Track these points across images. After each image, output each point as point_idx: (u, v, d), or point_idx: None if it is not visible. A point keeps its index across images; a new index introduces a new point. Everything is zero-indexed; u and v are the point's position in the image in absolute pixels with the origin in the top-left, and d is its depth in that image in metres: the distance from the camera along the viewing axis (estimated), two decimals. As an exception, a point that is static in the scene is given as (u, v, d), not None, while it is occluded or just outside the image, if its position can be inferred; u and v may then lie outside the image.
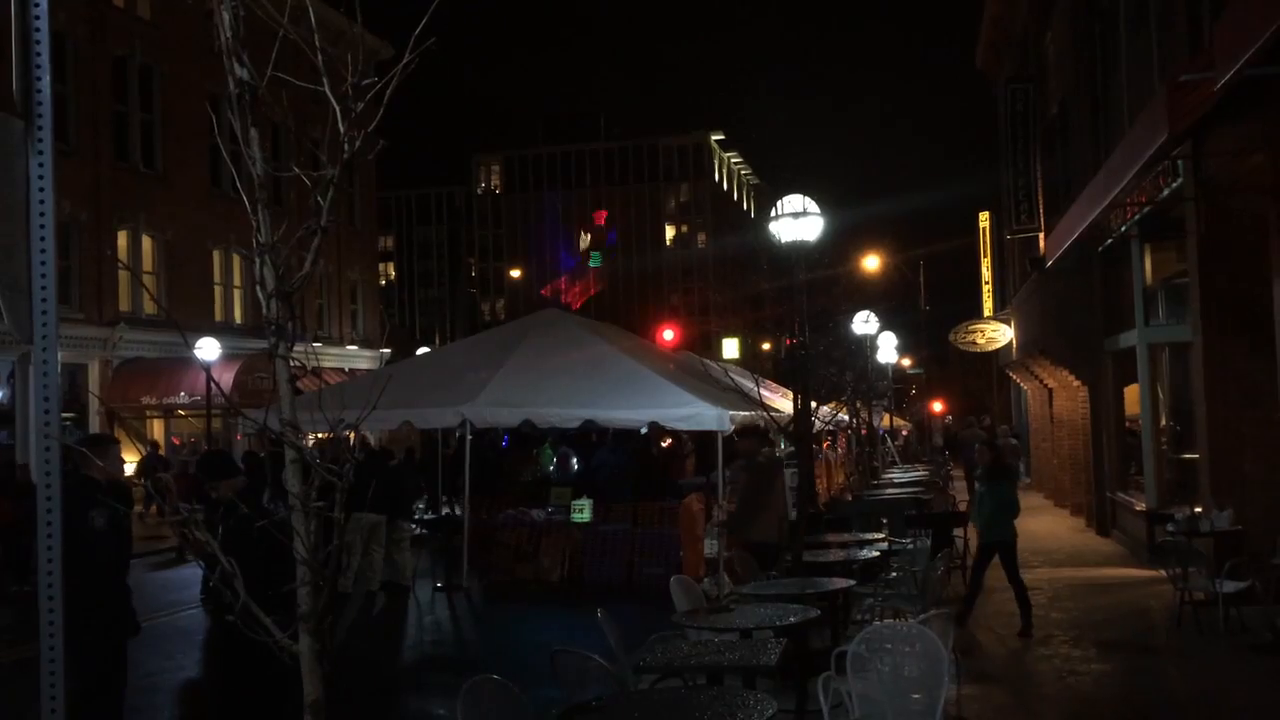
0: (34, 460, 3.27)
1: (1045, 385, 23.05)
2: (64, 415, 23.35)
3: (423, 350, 38.01)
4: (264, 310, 2.50)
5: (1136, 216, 12.90)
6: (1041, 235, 20.82)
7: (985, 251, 33.98)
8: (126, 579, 6.45)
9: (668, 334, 36.88)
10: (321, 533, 2.47)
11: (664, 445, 17.68)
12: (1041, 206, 21.19)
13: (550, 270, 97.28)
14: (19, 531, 13.37)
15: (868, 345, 19.51)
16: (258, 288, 2.52)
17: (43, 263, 2.75)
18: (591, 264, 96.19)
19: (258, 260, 2.51)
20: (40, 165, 2.81)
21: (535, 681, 6.04)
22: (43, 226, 2.78)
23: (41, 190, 2.80)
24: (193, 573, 13.95)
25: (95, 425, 23.33)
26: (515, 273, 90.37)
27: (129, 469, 20.18)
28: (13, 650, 10.36)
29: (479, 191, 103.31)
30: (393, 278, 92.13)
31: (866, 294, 19.61)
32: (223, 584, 2.42)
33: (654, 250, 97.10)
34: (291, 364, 2.54)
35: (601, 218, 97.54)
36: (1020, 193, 21.88)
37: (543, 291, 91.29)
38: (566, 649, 5.88)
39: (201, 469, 8.71)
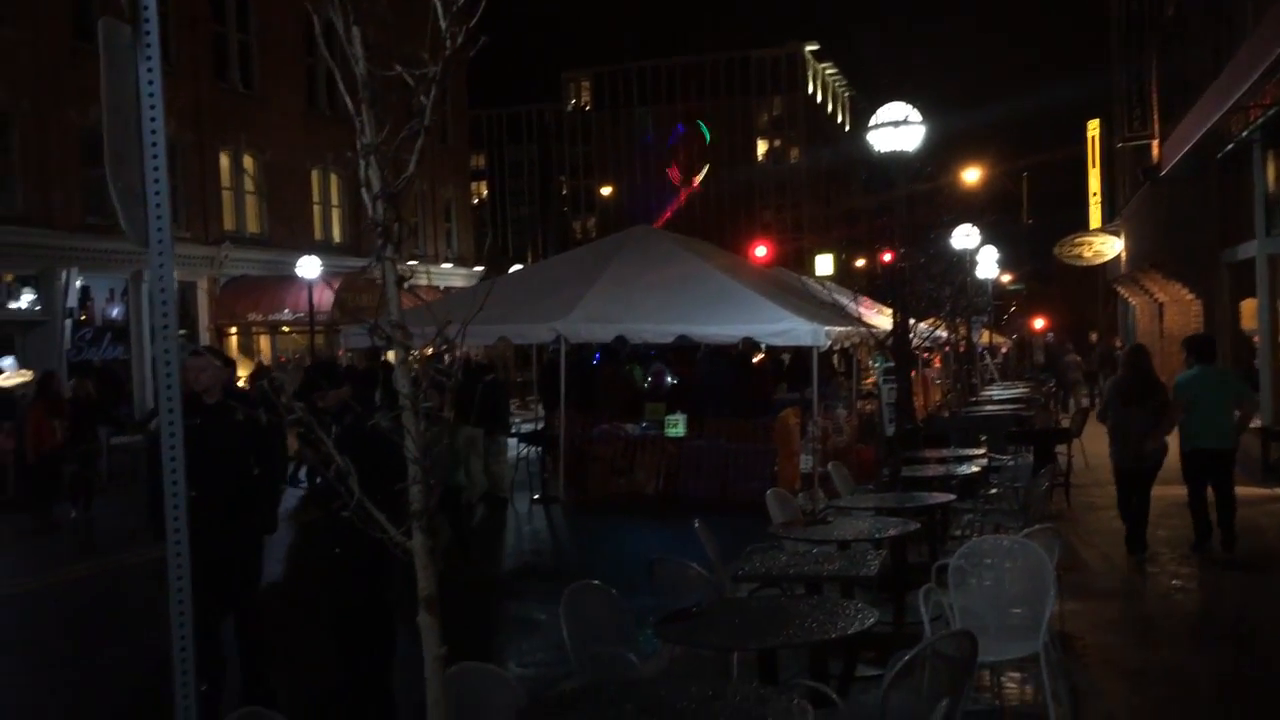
0: (156, 366, 3.36)
1: (1155, 300, 22.26)
2: (183, 332, 24.21)
3: (516, 268, 38.29)
4: (370, 212, 2.50)
5: (1260, 120, 12.20)
6: (1155, 143, 19.91)
7: (1094, 161, 32.63)
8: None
9: (760, 250, 36.51)
10: (431, 433, 2.49)
11: (756, 361, 17.58)
12: (1156, 113, 20.22)
13: (640, 187, 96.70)
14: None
15: (968, 260, 19.01)
16: (363, 190, 2.51)
17: (155, 169, 2.78)
18: (702, 131, 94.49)
19: (362, 162, 2.50)
20: (149, 71, 2.83)
21: (631, 590, 6.11)
22: (154, 132, 2.82)
23: (151, 96, 2.82)
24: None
25: (205, 341, 24.15)
26: (606, 190, 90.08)
27: (240, 383, 20.87)
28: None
29: (569, 109, 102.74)
30: (485, 197, 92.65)
31: (967, 207, 19.02)
32: (338, 481, 2.47)
33: (746, 166, 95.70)
34: (399, 267, 2.55)
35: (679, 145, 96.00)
36: (1134, 98, 20.90)
37: (669, 171, 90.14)
38: (665, 557, 5.94)
39: (309, 380, 8.93)
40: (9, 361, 18.98)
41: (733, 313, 13.57)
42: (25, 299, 20.89)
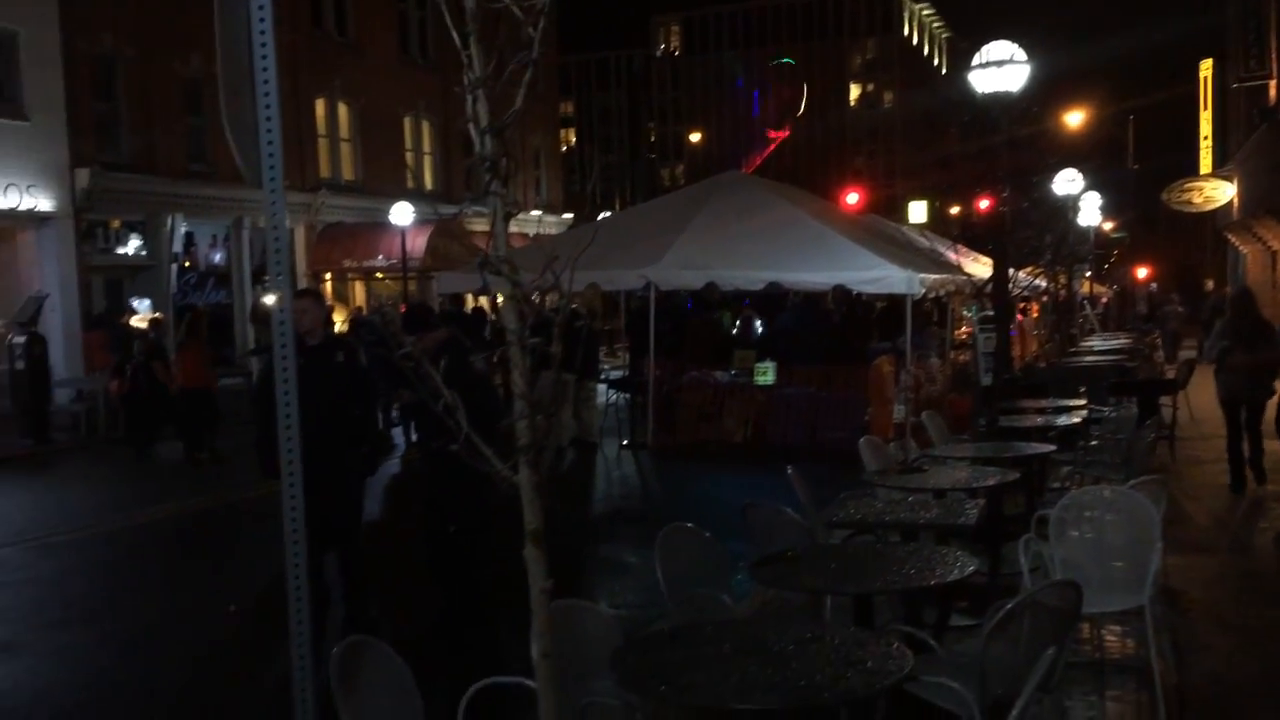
0: (273, 303, 3.42)
1: (1269, 248, 21.35)
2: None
3: (604, 215, 38.29)
4: (477, 147, 2.50)
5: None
6: (1273, 83, 18.95)
7: (1205, 103, 31.24)
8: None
9: (851, 197, 35.83)
10: (538, 369, 2.50)
11: (849, 309, 17.36)
12: (1275, 51, 19.22)
13: (730, 133, 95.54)
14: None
15: (1069, 206, 18.42)
16: (470, 125, 2.51)
17: (267, 105, 2.82)
18: (784, 61, 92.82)
19: (470, 97, 2.49)
20: (260, 9, 2.86)
21: (721, 535, 6.13)
22: (265, 69, 2.85)
23: (262, 34, 2.85)
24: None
25: (300, 288, 24.70)
26: (695, 136, 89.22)
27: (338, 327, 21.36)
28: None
29: (658, 53, 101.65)
30: (573, 144, 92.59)
31: (1070, 151, 18.39)
32: (447, 415, 2.50)
33: (837, 111, 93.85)
34: (505, 204, 2.55)
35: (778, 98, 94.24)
36: (1250, 36, 19.89)
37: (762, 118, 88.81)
38: (757, 502, 5.93)
39: (405, 323, 9.08)
40: (145, 304, 19.74)
41: (825, 259, 13.39)
42: (133, 245, 21.58)
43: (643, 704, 3.59)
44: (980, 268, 15.27)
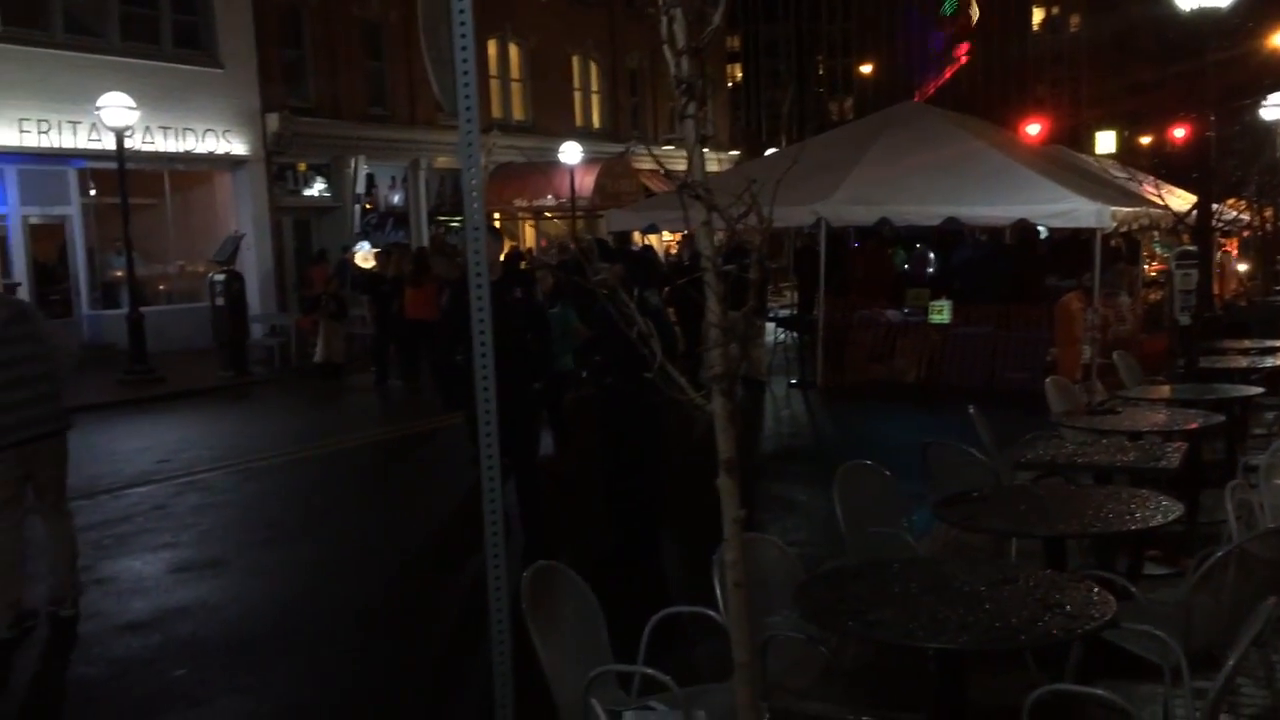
0: (466, 235, 3.49)
1: None
2: (453, 217, 25.52)
3: (771, 151, 37.68)
4: (673, 70, 2.45)
5: None
6: None
7: None
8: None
9: (1033, 128, 34.07)
10: (732, 298, 2.46)
11: (1030, 245, 16.63)
12: None
13: (902, 65, 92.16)
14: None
15: (1278, 134, 17.05)
16: (665, 48, 2.46)
17: (463, 34, 2.84)
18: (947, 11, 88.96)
19: (664, 17, 2.44)
20: (454, -61, 2.87)
21: (896, 475, 6.00)
22: (463, 10, 2.86)
23: (457, -36, 2.86)
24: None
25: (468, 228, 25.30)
26: (865, 69, 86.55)
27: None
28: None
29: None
30: (739, 79, 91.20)
31: (1281, 73, 16.97)
32: (641, 344, 2.49)
33: (1019, 36, 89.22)
34: (700, 127, 2.49)
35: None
36: None
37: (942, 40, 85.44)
38: (938, 441, 5.78)
39: (578, 261, 9.21)
40: (365, 245, 20.74)
41: (1007, 193, 12.80)
42: (317, 187, 22.53)
43: (826, 638, 3.57)
44: (1176, 201, 14.33)
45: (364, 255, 19.01)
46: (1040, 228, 14.25)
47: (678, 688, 3.20)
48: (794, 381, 14.14)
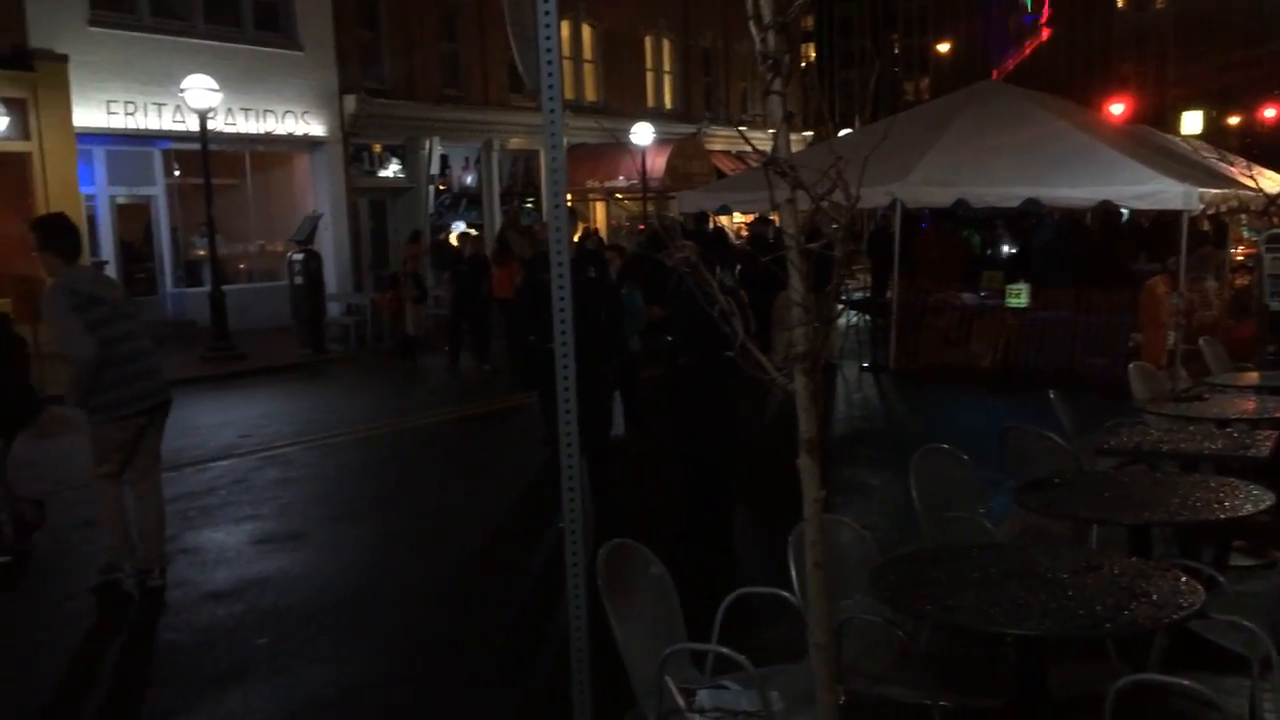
0: (548, 216, 3.51)
1: None
2: (525, 198, 25.69)
3: (845, 132, 37.22)
4: (758, 45, 2.43)
5: None
6: None
7: None
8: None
9: (1116, 107, 33.31)
10: (817, 275, 2.44)
11: (1113, 227, 16.24)
12: None
13: (980, 43, 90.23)
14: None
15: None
16: (750, 23, 2.44)
17: (546, 12, 2.84)
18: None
19: (752, -8, 2.41)
20: (538, -83, 2.87)
21: (973, 461, 5.92)
22: (543, -21, 2.87)
23: (540, -59, 2.87)
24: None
25: (547, 208, 25.49)
26: (942, 48, 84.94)
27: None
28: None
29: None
30: (813, 59, 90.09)
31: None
32: (723, 321, 2.49)
33: (1102, 14, 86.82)
34: (784, 105, 2.47)
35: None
36: None
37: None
38: (1018, 425, 5.69)
39: (651, 242, 9.20)
40: (460, 224, 21.00)
41: (1089, 174, 12.49)
42: (392, 168, 22.81)
43: (903, 621, 3.54)
44: (1267, 182, 13.87)
45: (459, 234, 19.27)
46: (1123, 210, 13.91)
47: (752, 667, 3.20)
48: (866, 365, 14.00)
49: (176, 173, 18.89)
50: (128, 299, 6.24)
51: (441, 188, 23.94)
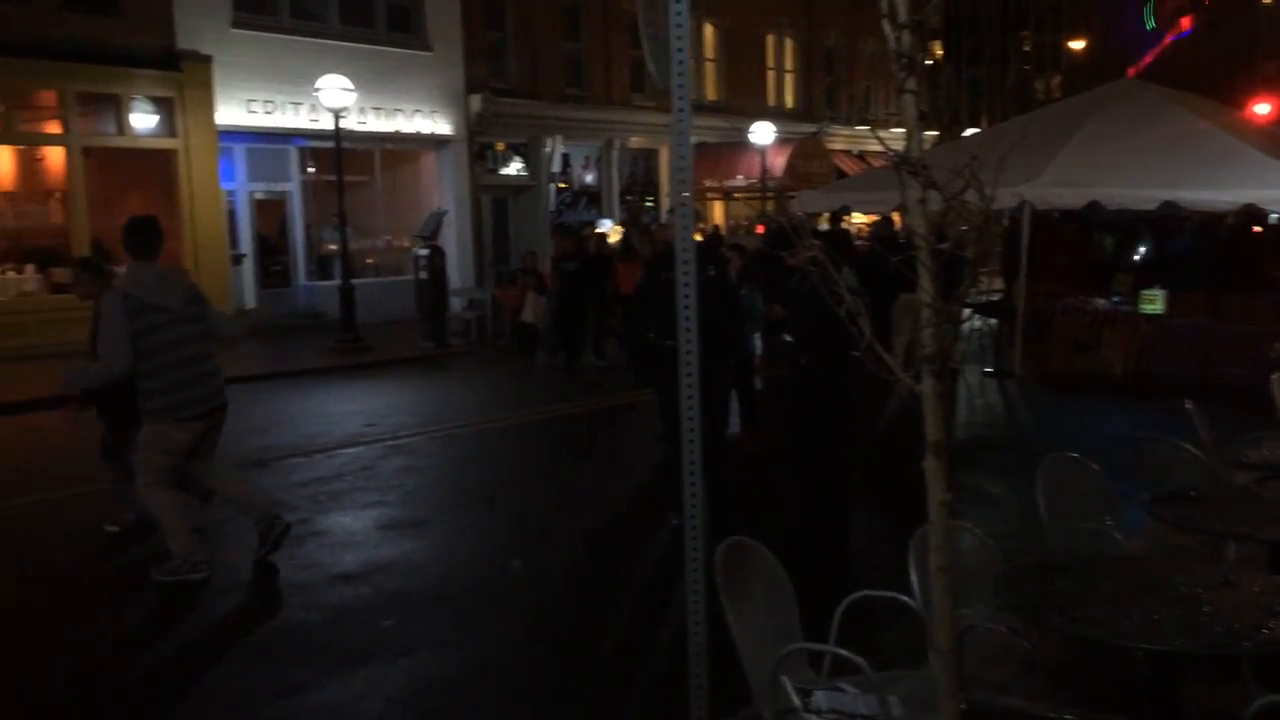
0: (675, 213, 3.54)
1: None
2: (644, 197, 25.85)
3: (971, 131, 36.37)
4: (891, 44, 2.41)
5: None
6: None
7: None
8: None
9: (1262, 108, 31.67)
10: (945, 278, 2.42)
11: (1256, 231, 15.50)
12: None
13: (1116, 40, 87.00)
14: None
15: None
16: (884, 21, 2.42)
17: (678, 14, 2.88)
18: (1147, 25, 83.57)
19: (889, -9, 2.40)
20: (673, -82, 2.91)
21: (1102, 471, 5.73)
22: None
23: (675, -57, 2.90)
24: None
25: (666, 206, 25.59)
26: (1075, 44, 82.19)
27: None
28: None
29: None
30: (939, 56, 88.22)
31: None
32: (849, 321, 2.48)
33: (1246, 11, 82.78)
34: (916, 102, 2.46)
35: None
36: None
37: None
38: (1152, 435, 5.50)
39: (773, 240, 9.18)
40: (607, 222, 21.40)
41: (1233, 176, 11.96)
42: (514, 166, 23.22)
43: (1029, 632, 3.46)
44: None
45: (606, 231, 19.52)
46: (1273, 215, 13.28)
47: (872, 671, 3.18)
48: (989, 370, 13.67)
49: (310, 169, 19.60)
50: (194, 302, 6.21)
51: (562, 186, 24.25)
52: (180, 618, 5.82)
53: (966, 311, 14.69)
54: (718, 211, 28.84)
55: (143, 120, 17.05)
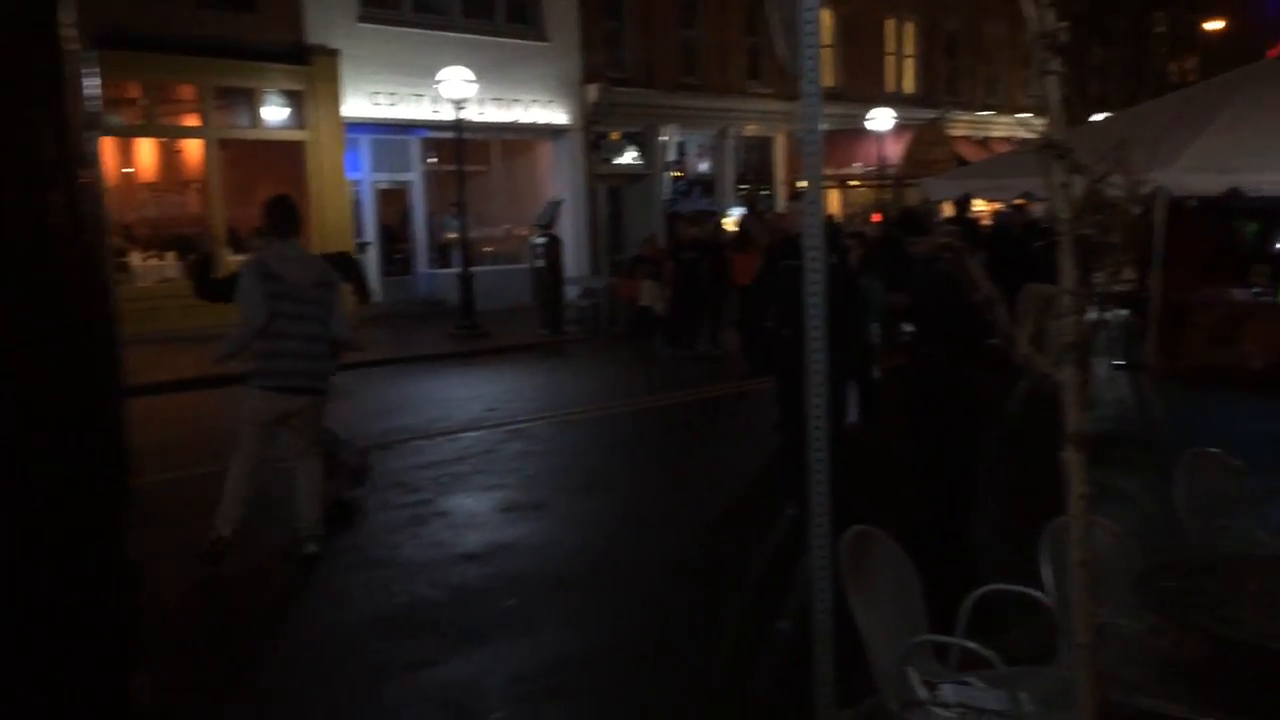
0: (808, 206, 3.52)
1: None
2: (758, 186, 25.70)
3: (1100, 116, 35.08)
4: (1029, 24, 2.35)
5: None
6: None
7: None
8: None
9: None
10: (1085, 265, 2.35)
11: None
12: None
13: (1257, 21, 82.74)
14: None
15: None
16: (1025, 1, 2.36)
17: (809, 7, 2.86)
18: None
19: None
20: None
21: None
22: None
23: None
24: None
25: (782, 196, 25.40)
26: (1213, 25, 78.53)
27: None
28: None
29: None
30: (1065, 38, 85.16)
31: None
32: (984, 309, 2.44)
33: (1405, -18, 77.80)
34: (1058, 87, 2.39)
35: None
36: None
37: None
38: (1299, 433, 5.25)
39: (900, 227, 9.03)
40: (737, 210, 21.56)
41: (1391, 159, 11.28)
42: (629, 155, 23.33)
43: (1168, 631, 3.35)
44: None
45: (735, 220, 19.56)
46: None
47: (1002, 665, 3.12)
48: (1119, 362, 13.20)
49: (431, 160, 20.04)
50: (322, 287, 6.33)
51: (677, 175, 24.26)
52: (311, 591, 6.04)
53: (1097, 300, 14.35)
54: (835, 199, 28.47)
55: (274, 113, 17.68)
